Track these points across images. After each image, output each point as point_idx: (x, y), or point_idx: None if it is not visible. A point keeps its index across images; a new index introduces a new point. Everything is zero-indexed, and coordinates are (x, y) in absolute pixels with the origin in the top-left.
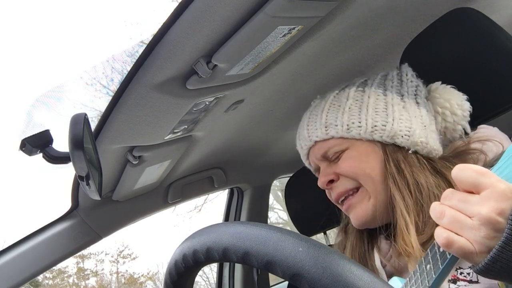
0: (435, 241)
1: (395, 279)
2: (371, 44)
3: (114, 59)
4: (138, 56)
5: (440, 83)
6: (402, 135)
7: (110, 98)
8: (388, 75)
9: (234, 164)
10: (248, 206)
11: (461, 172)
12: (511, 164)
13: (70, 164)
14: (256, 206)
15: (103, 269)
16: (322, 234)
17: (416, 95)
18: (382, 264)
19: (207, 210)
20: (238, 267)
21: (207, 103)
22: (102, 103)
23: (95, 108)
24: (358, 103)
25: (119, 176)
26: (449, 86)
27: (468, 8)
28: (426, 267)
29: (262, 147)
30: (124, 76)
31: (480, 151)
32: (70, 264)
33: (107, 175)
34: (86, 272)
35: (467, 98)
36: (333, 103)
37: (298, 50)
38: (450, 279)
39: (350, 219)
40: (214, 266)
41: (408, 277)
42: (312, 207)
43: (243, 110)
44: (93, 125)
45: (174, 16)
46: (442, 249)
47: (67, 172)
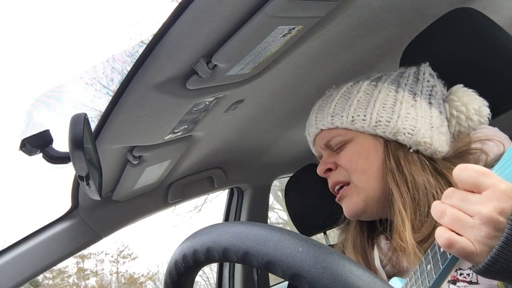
0: (436, 241)
1: (395, 280)
2: (371, 44)
3: (114, 59)
4: (138, 56)
5: (461, 86)
6: (405, 133)
7: (110, 98)
8: (405, 72)
9: (234, 164)
10: (248, 206)
11: (462, 172)
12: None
13: (70, 164)
14: (256, 206)
15: (103, 269)
16: (322, 234)
17: (430, 95)
18: (382, 265)
19: (207, 210)
20: (238, 267)
21: (207, 103)
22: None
23: (95, 108)
24: (368, 96)
25: (119, 176)
26: (470, 90)
27: (468, 8)
28: (426, 267)
29: (262, 147)
30: (124, 76)
31: (481, 151)
32: (70, 264)
33: (107, 175)
34: (86, 272)
35: (487, 104)
36: (344, 94)
37: (298, 50)
38: (450, 280)
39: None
40: (214, 266)
41: (408, 277)
42: (312, 207)
43: (243, 110)
44: (93, 125)
45: (174, 16)
46: (442, 249)
47: (67, 172)
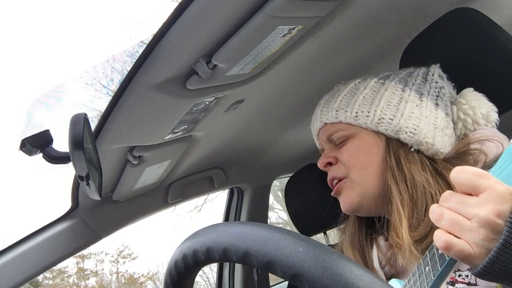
0: (434, 243)
1: (393, 281)
2: (371, 44)
3: (114, 59)
4: (138, 56)
5: (472, 89)
6: (407, 132)
7: (110, 98)
8: (413, 72)
9: (234, 164)
10: (248, 206)
11: (459, 175)
12: (510, 166)
13: (70, 164)
14: (256, 206)
15: (103, 269)
16: (322, 234)
17: (437, 97)
18: (381, 266)
19: (207, 210)
20: (238, 267)
21: (207, 103)
22: (102, 103)
23: (95, 108)
24: (374, 94)
25: (119, 176)
26: (480, 95)
27: (468, 8)
28: (425, 269)
29: (262, 147)
30: (124, 76)
31: (480, 151)
32: (70, 264)
33: (107, 175)
34: (86, 272)
35: (496, 110)
36: (350, 90)
37: (298, 50)
38: (449, 281)
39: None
40: (214, 266)
41: (407, 279)
42: (312, 207)
43: (243, 110)
44: (93, 125)
45: (174, 16)
46: (440, 251)
47: (67, 172)
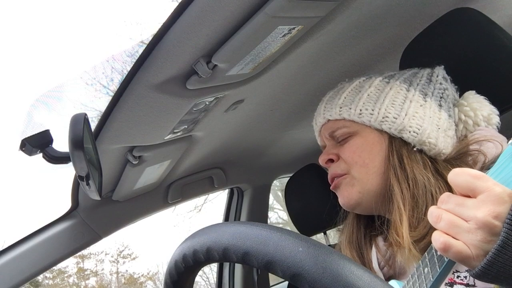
0: (433, 244)
1: (392, 282)
2: (371, 44)
3: (114, 59)
4: (138, 56)
5: (473, 92)
6: (410, 131)
7: (110, 98)
8: (418, 73)
9: (234, 164)
10: (248, 206)
11: (457, 177)
12: (507, 167)
13: (70, 164)
14: (256, 206)
15: (103, 269)
16: (322, 234)
17: (441, 98)
18: (380, 266)
19: (207, 210)
20: (238, 267)
21: (207, 103)
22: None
23: (95, 108)
24: (378, 92)
25: (119, 176)
26: (482, 97)
27: (468, 8)
28: (423, 270)
29: (262, 147)
30: (124, 76)
31: (479, 152)
32: (70, 264)
33: (107, 175)
34: (86, 272)
35: (498, 113)
36: (355, 88)
37: (298, 50)
38: (447, 282)
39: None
40: (214, 266)
41: (406, 280)
42: (312, 207)
43: (243, 110)
44: (93, 125)
45: (174, 16)
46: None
47: (67, 172)
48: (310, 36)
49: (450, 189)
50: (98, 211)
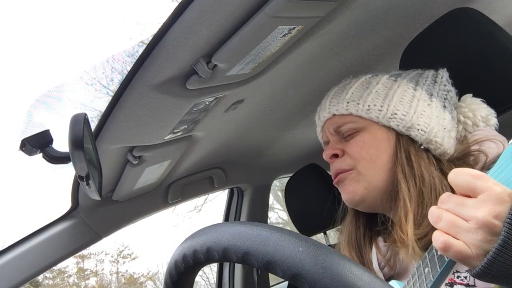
0: (433, 244)
1: (393, 282)
2: (371, 44)
3: (114, 59)
4: (138, 56)
5: (471, 95)
6: (418, 129)
7: (110, 98)
8: (423, 73)
9: (234, 164)
10: (248, 206)
11: (457, 176)
12: (507, 167)
13: (70, 164)
14: (256, 206)
15: (103, 269)
16: (322, 234)
17: (445, 99)
18: (380, 267)
19: (207, 210)
20: (238, 267)
21: (207, 103)
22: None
23: (95, 108)
24: (386, 89)
25: (119, 176)
26: (479, 100)
27: (468, 8)
28: (424, 270)
29: (262, 147)
30: (124, 76)
31: (480, 152)
32: (70, 264)
33: (107, 175)
34: (86, 272)
35: (495, 115)
36: (362, 84)
37: (298, 50)
38: (447, 282)
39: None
40: (214, 266)
41: (406, 280)
42: (312, 207)
43: (243, 110)
44: (93, 125)
45: (174, 16)
46: (439, 252)
47: (67, 172)
48: (310, 36)
49: (453, 189)
50: (98, 211)
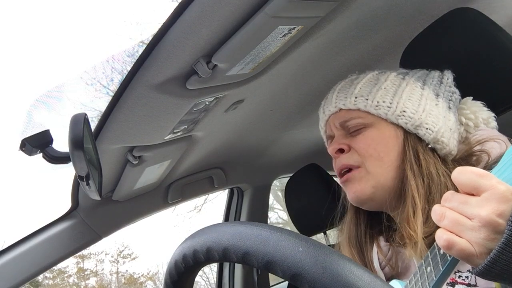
0: (435, 243)
1: (394, 282)
2: (371, 44)
3: (114, 59)
4: (138, 56)
5: (471, 98)
6: (426, 128)
7: (110, 98)
8: (430, 73)
9: (234, 164)
10: (248, 206)
11: (461, 175)
12: (511, 166)
13: (70, 164)
14: (256, 206)
15: (103, 269)
16: (322, 234)
17: (450, 100)
18: (381, 266)
19: (207, 210)
20: (238, 267)
21: (207, 103)
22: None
23: (95, 108)
24: (395, 86)
25: (119, 176)
26: (479, 102)
27: (468, 8)
28: (426, 269)
29: (262, 147)
30: (124, 76)
31: (482, 151)
32: (70, 264)
33: (107, 175)
34: (86, 272)
35: (495, 116)
36: (370, 80)
37: (298, 50)
38: (449, 282)
39: (347, 195)
40: (214, 266)
41: (408, 279)
42: (312, 207)
43: (243, 110)
44: (93, 125)
45: (174, 16)
46: (442, 251)
47: (67, 172)
48: (310, 36)
49: (458, 189)
50: (98, 211)
